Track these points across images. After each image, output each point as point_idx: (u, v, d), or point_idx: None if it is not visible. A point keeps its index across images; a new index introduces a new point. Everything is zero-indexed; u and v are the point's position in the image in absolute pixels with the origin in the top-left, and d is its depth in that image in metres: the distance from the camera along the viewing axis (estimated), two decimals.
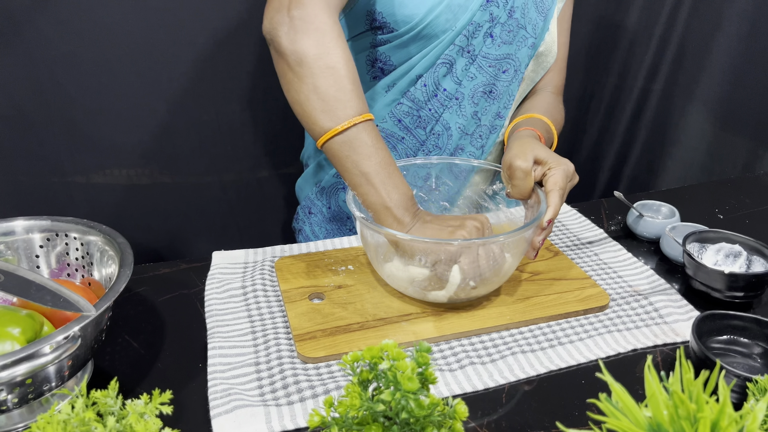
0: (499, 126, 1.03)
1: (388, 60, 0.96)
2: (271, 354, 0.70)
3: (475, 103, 1.00)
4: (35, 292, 0.57)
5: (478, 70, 0.97)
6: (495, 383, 0.67)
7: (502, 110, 1.02)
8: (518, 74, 1.00)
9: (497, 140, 1.05)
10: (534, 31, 0.98)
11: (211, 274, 0.84)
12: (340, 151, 0.76)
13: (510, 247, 0.75)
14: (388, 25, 0.92)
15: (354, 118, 0.75)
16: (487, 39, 0.95)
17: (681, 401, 0.34)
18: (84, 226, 0.72)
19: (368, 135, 0.76)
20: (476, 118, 1.01)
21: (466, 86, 0.98)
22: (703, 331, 0.70)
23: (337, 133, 0.75)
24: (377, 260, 0.78)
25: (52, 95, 1.15)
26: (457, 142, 1.02)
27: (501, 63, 0.98)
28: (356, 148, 0.75)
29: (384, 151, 0.77)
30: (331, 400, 0.46)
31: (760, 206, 1.11)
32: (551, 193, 0.78)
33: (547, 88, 1.06)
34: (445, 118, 1.00)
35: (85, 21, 1.11)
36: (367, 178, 0.75)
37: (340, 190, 1.08)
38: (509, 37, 0.97)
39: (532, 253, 0.79)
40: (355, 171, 0.76)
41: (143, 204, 1.31)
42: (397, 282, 0.77)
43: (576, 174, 0.82)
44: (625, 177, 1.73)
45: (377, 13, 0.92)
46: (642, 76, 1.60)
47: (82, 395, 0.45)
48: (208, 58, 1.21)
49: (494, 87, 0.99)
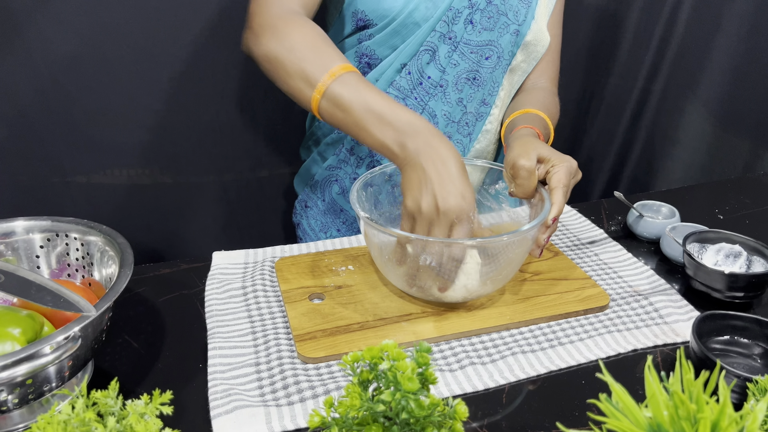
0: (485, 113, 1.04)
1: (373, 54, 0.98)
2: (271, 354, 0.70)
3: (460, 90, 1.00)
4: (35, 293, 0.57)
5: (460, 56, 0.98)
6: (495, 383, 0.67)
7: (488, 97, 1.03)
8: (501, 61, 1.01)
9: (483, 128, 1.05)
10: (516, 17, 0.99)
11: (211, 274, 0.84)
12: (330, 112, 0.78)
13: (515, 246, 0.74)
14: (371, 21, 0.95)
15: (324, 79, 0.77)
16: (468, 25, 0.96)
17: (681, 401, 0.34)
18: (84, 226, 0.72)
19: (344, 86, 0.77)
20: (461, 105, 1.02)
21: (449, 73, 0.99)
22: (704, 332, 0.70)
23: (320, 99, 0.78)
24: (381, 260, 0.78)
25: (52, 95, 1.15)
26: (444, 129, 1.03)
27: (483, 49, 0.99)
28: (338, 104, 0.77)
29: (366, 93, 0.77)
30: (332, 401, 0.46)
31: (760, 206, 1.11)
32: (555, 190, 0.78)
33: (541, 80, 1.07)
34: (431, 105, 1.01)
35: (85, 21, 1.11)
36: (359, 125, 0.77)
37: (333, 183, 1.09)
38: (489, 23, 0.98)
39: (537, 251, 0.79)
40: (348, 124, 0.78)
41: (143, 204, 1.31)
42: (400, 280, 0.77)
43: (579, 171, 0.82)
44: (625, 177, 1.73)
45: (360, 12, 0.95)
46: (642, 76, 1.60)
47: (83, 395, 0.45)
48: (209, 58, 1.21)
49: (478, 74, 1.00)
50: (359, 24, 0.96)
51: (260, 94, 1.29)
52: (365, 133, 0.76)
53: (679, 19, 1.51)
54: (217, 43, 1.20)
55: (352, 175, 1.08)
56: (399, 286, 0.79)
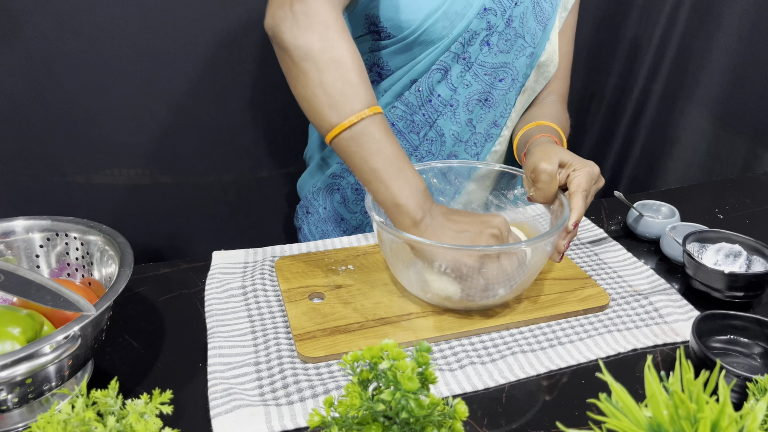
0: (495, 135, 1.03)
1: (385, 65, 0.97)
2: (271, 354, 0.70)
3: (470, 111, 0.99)
4: (35, 292, 0.57)
5: (473, 77, 0.97)
6: (495, 383, 0.67)
7: (499, 119, 1.02)
8: (515, 83, 1.00)
9: (493, 149, 1.04)
10: (533, 40, 0.98)
11: (211, 274, 0.84)
12: (348, 147, 0.74)
13: (535, 254, 0.73)
14: (385, 30, 0.92)
15: (360, 113, 0.72)
16: (484, 47, 0.95)
17: (681, 401, 0.34)
18: (84, 225, 0.72)
19: (376, 129, 0.73)
20: (471, 125, 1.00)
21: (461, 93, 0.97)
22: (703, 331, 0.70)
23: (344, 128, 0.73)
24: (396, 266, 0.76)
25: (52, 95, 1.15)
26: (451, 148, 1.01)
27: (497, 71, 0.98)
28: (363, 143, 0.73)
29: (394, 145, 0.74)
30: (331, 400, 0.46)
31: (760, 206, 1.11)
32: (574, 195, 0.76)
33: (552, 95, 1.05)
34: (439, 124, 0.99)
35: (85, 21, 1.11)
36: (376, 174, 0.73)
37: (336, 191, 1.08)
38: (506, 45, 0.96)
39: (557, 256, 0.78)
40: (363, 167, 0.73)
41: (143, 204, 1.31)
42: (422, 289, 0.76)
43: (601, 177, 0.80)
44: (625, 177, 1.73)
45: (375, 18, 0.92)
46: (642, 77, 1.60)
47: (82, 395, 0.45)
48: (209, 58, 1.21)
49: (490, 95, 0.99)
50: (372, 29, 0.94)
51: (260, 94, 1.29)
52: (378, 184, 0.73)
53: (678, 19, 1.51)
54: (217, 43, 1.20)
55: (354, 185, 1.06)
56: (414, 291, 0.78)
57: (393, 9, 0.90)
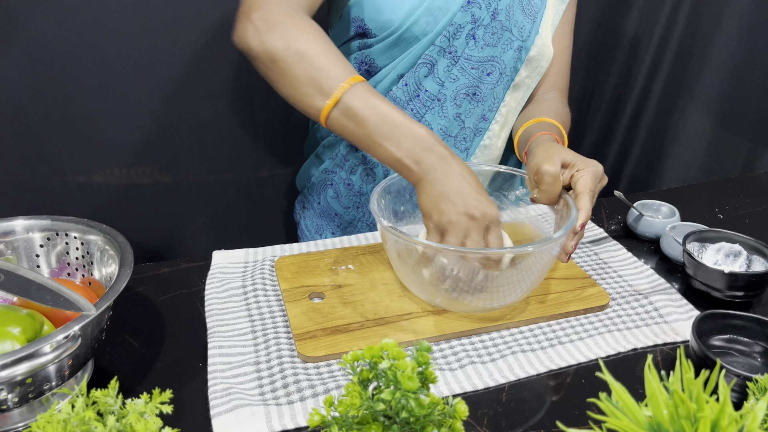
0: (484, 129, 1.03)
1: (372, 62, 0.97)
2: (271, 353, 0.70)
3: (458, 105, 0.99)
4: (35, 292, 0.57)
5: (460, 71, 0.97)
6: (495, 382, 0.67)
7: (487, 113, 1.02)
8: (503, 77, 1.00)
9: (482, 143, 1.04)
10: (521, 33, 0.98)
11: (211, 273, 0.84)
12: (340, 123, 0.76)
13: (545, 255, 0.73)
14: (370, 31, 0.94)
15: (338, 90, 0.75)
16: (470, 41, 0.95)
17: (681, 400, 0.34)
18: (84, 225, 0.72)
19: (358, 98, 0.75)
20: (459, 120, 1.00)
21: (448, 88, 0.98)
22: (703, 331, 0.70)
23: (330, 109, 0.76)
24: (403, 269, 0.76)
25: (51, 95, 1.15)
26: None
27: (485, 65, 0.97)
28: (352, 115, 0.75)
29: (382, 105, 0.75)
30: (332, 400, 0.46)
31: (760, 206, 1.11)
32: (581, 195, 0.76)
33: (552, 91, 1.05)
34: (427, 119, 1.00)
35: (85, 20, 1.11)
36: (373, 139, 0.74)
37: (328, 187, 1.09)
38: (493, 39, 0.96)
39: (564, 257, 0.77)
40: (361, 136, 0.75)
41: (143, 204, 1.31)
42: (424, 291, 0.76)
43: (605, 175, 0.80)
44: (625, 177, 1.73)
45: (360, 20, 0.94)
46: (642, 76, 1.60)
47: (82, 394, 0.45)
48: (208, 57, 1.21)
49: (478, 89, 0.99)
50: (358, 31, 0.95)
51: (260, 94, 1.29)
52: (378, 147, 0.75)
53: (678, 19, 1.51)
54: (216, 42, 1.20)
55: (347, 181, 1.07)
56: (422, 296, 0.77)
57: (375, 10, 0.92)
